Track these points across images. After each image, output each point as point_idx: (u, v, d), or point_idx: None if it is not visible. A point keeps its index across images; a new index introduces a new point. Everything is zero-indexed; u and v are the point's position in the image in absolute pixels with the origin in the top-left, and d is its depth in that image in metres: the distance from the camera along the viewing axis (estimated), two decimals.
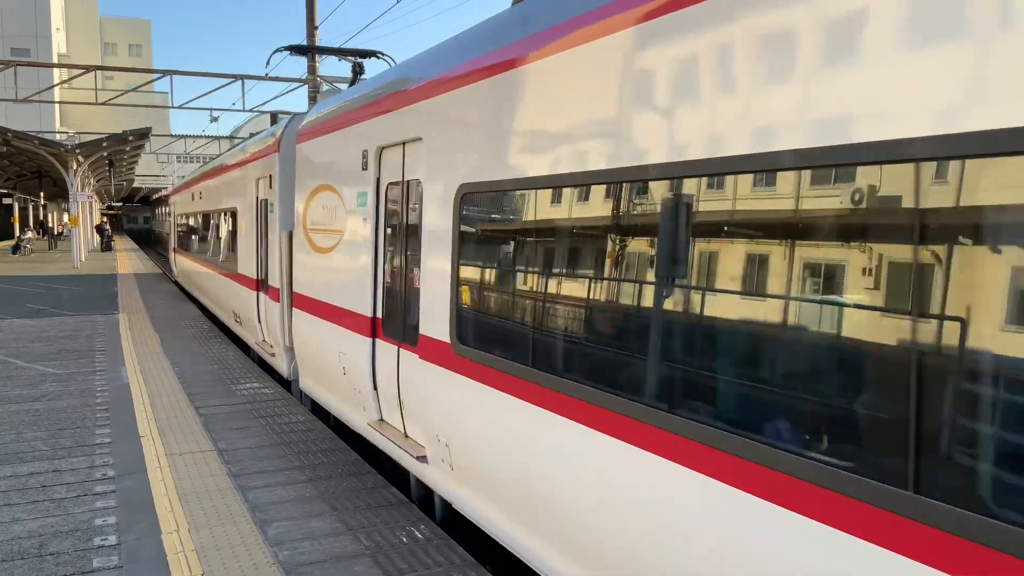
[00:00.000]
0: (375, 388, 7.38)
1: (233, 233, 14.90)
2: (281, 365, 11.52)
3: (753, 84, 3.23)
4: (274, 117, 17.23)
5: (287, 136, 11.12)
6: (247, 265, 13.46)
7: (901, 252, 2.68)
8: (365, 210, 7.50)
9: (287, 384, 12.10)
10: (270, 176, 11.62)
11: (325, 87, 21.66)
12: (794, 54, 3.05)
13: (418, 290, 6.29)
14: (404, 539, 6.02)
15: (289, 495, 6.97)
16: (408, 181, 6.68)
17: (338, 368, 8.27)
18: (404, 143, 6.73)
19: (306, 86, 22.74)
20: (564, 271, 4.48)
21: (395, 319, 6.93)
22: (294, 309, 10.01)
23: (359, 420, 7.95)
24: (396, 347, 6.80)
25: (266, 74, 25.28)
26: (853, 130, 2.81)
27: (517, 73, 4.95)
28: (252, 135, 16.72)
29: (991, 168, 2.41)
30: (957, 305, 2.51)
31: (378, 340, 7.27)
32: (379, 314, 7.28)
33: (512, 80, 5.00)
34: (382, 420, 7.39)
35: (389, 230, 7.14)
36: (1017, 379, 2.37)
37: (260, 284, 12.52)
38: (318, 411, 10.42)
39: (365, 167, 7.52)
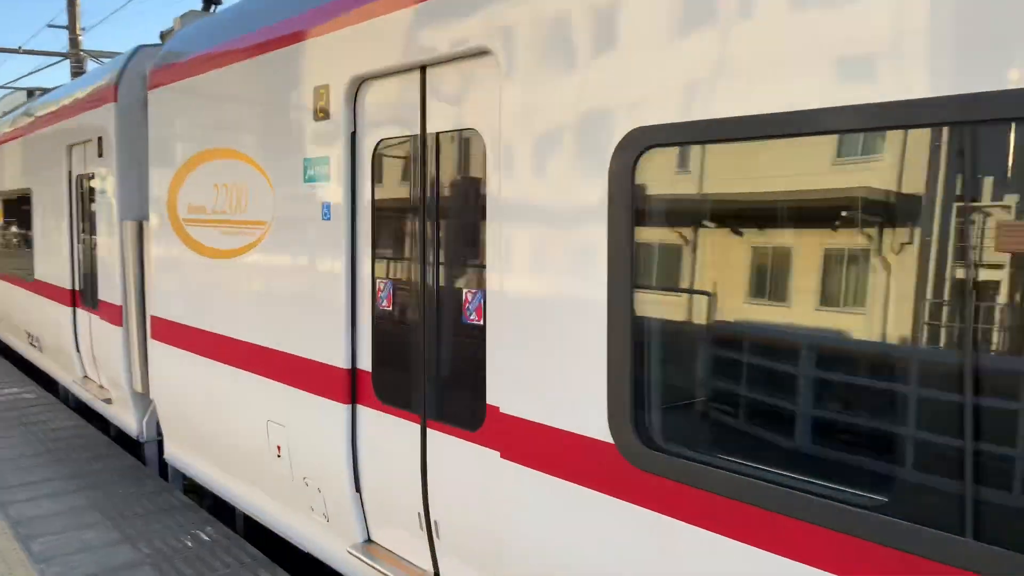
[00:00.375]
0: (357, 490, 4.78)
1: (26, 224, 11.44)
2: (126, 420, 8.04)
3: None
4: (31, 93, 15.67)
5: (129, 78, 7.86)
6: (52, 269, 10.04)
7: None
8: (325, 187, 4.83)
9: (134, 446, 8.46)
10: (99, 140, 8.34)
11: (91, 63, 19.98)
12: None
13: (479, 329, 3.92)
14: (189, 543, 5.81)
15: (58, 507, 6.49)
16: (439, 134, 4.16)
17: (263, 444, 5.49)
18: (424, 67, 4.18)
19: (68, 61, 20.85)
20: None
21: (407, 376, 4.43)
22: (154, 341, 7.04)
23: (316, 535, 5.20)
24: (416, 425, 4.34)
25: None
26: None
27: None
28: (6, 114, 14.66)
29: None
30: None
31: (363, 408, 4.71)
32: (364, 364, 4.69)
33: None
34: (369, 541, 4.82)
35: (385, 219, 4.60)
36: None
37: (79, 297, 9.27)
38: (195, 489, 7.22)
39: (322, 115, 4.82)
